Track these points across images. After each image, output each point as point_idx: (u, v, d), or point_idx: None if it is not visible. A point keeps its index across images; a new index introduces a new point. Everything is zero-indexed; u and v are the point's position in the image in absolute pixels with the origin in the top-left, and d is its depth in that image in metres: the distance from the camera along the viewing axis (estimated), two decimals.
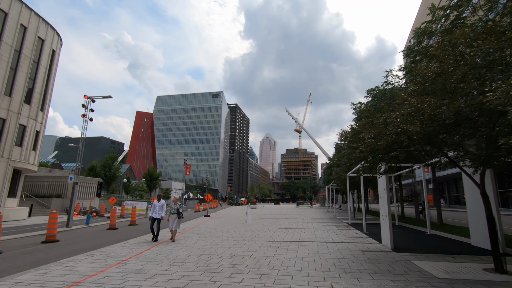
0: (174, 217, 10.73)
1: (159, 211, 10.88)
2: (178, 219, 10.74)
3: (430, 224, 13.08)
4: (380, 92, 17.54)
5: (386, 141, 5.87)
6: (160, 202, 11.09)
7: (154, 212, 10.87)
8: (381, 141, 5.89)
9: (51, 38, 25.41)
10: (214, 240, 10.92)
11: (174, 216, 10.74)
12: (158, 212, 10.85)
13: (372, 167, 7.28)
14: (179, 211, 10.77)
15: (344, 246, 9.42)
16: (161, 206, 10.99)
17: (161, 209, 10.96)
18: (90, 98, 21.04)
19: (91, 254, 8.24)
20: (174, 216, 10.74)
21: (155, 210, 10.88)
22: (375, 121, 7.03)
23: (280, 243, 9.98)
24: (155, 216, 10.82)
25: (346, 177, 18.87)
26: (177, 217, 10.70)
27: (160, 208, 10.95)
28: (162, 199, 11.20)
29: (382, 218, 9.49)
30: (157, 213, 10.84)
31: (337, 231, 13.90)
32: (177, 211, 10.74)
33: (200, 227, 15.92)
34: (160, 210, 10.91)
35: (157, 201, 11.12)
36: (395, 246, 8.89)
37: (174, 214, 10.77)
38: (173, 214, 10.78)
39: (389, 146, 6.21)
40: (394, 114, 6.40)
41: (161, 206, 10.99)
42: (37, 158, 25.49)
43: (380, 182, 9.58)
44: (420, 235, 12.18)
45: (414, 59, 12.22)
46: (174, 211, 10.77)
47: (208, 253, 8.23)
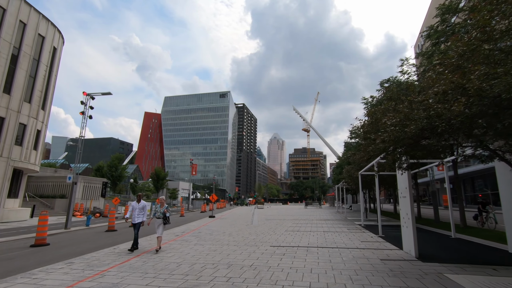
0: (159, 222, 8.85)
1: (138, 214, 9.04)
2: (162, 225, 8.89)
3: (454, 227, 11.70)
4: (395, 83, 16.17)
5: (416, 127, 4.68)
6: (140, 204, 9.18)
7: (133, 216, 9.13)
8: (409, 127, 4.70)
9: (51, 35, 24.88)
10: (214, 244, 9.87)
11: (159, 221, 8.86)
12: (137, 216, 9.02)
13: (395, 161, 6.06)
14: (165, 215, 8.88)
15: (359, 253, 8.22)
16: (142, 209, 9.13)
17: (142, 212, 9.11)
18: (89, 95, 20.33)
19: (71, 262, 7.29)
20: (159, 221, 8.86)
21: (134, 213, 9.09)
22: (397, 106, 5.82)
23: (286, 249, 8.85)
24: (133, 221, 9.06)
25: (358, 175, 17.59)
26: (162, 222, 8.85)
27: (140, 211, 9.10)
28: (143, 200, 9.32)
29: (404, 221, 8.24)
30: (136, 217, 9.03)
31: (349, 234, 12.66)
32: (163, 215, 8.88)
33: (202, 229, 14.93)
34: (140, 214, 9.07)
35: (137, 203, 9.21)
36: (420, 254, 7.64)
37: (159, 218, 8.86)
38: (158, 219, 8.87)
39: (418, 133, 5.01)
40: (422, 97, 5.20)
41: (142, 209, 9.13)
42: (39, 158, 25.00)
43: (401, 180, 8.34)
44: (444, 240, 10.84)
45: (437, 41, 10.87)
46: (160, 215, 8.87)
47: (203, 262, 7.17)
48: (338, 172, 40.27)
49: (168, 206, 9.16)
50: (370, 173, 16.63)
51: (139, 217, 9.06)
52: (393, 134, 5.18)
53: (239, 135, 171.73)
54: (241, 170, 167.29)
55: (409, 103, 5.49)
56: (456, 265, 6.59)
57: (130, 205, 9.45)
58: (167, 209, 9.03)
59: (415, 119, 4.80)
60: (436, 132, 4.70)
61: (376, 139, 5.95)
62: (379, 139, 5.45)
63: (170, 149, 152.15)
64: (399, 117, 4.98)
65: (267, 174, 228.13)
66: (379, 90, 20.31)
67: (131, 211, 9.23)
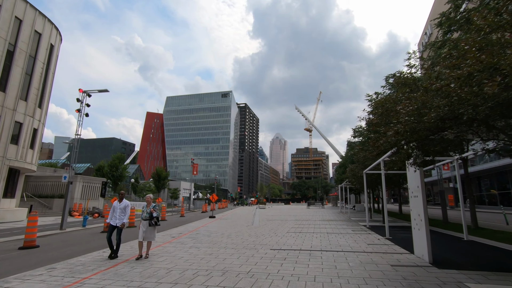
0: (146, 224, 7.71)
1: (120, 215, 7.88)
2: (152, 227, 7.77)
3: (467, 228, 10.99)
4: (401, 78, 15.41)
5: (436, 115, 4.03)
6: (122, 204, 8.01)
7: (113, 217, 7.91)
8: (428, 115, 4.05)
9: (48, 32, 24.41)
10: (210, 247, 9.25)
11: (146, 223, 7.71)
12: (118, 217, 7.86)
13: (409, 156, 5.39)
14: (152, 215, 7.71)
15: (367, 257, 7.56)
16: (123, 209, 7.96)
17: (123, 213, 7.92)
18: (86, 92, 19.81)
19: (53, 267, 6.71)
20: (145, 224, 7.71)
21: (114, 214, 7.93)
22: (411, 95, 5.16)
23: (288, 253, 8.21)
24: (113, 222, 7.83)
25: (362, 174, 16.90)
26: (149, 225, 7.72)
27: (122, 211, 7.91)
28: (125, 200, 8.14)
29: (416, 223, 7.57)
30: (117, 219, 7.84)
31: (354, 236, 11.99)
32: (149, 215, 7.72)
33: (200, 230, 14.33)
34: (122, 215, 7.89)
35: (118, 202, 8.07)
36: (433, 259, 6.96)
37: (146, 220, 7.72)
38: (145, 221, 7.73)
39: (437, 124, 4.36)
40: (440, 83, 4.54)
41: (123, 209, 7.96)
42: (36, 157, 24.54)
43: (413, 178, 7.66)
44: (457, 242, 10.14)
45: (449, 29, 10.14)
46: (146, 216, 7.74)
47: (196, 268, 6.55)
48: (341, 171, 39.52)
49: (156, 205, 7.99)
50: (375, 172, 15.95)
51: (121, 218, 7.87)
52: (408, 124, 4.53)
53: (241, 135, 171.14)
54: (243, 170, 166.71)
55: (424, 91, 4.84)
56: (477, 273, 5.92)
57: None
58: (155, 208, 7.88)
59: (434, 107, 4.15)
60: (460, 121, 4.06)
61: (387, 131, 5.30)
62: (391, 131, 4.80)
63: (172, 149, 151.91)
64: (416, 104, 4.32)
65: (269, 174, 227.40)
66: (384, 86, 19.58)
67: (112, 213, 7.99)
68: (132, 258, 7.53)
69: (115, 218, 7.87)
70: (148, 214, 7.79)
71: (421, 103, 4.31)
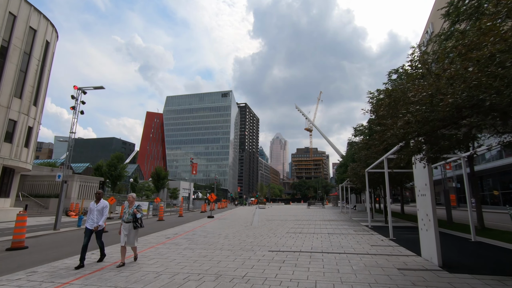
0: (128, 227, 6.86)
1: (97, 217, 6.97)
2: (134, 230, 6.93)
3: (474, 229, 10.52)
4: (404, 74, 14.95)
5: (453, 101, 3.56)
6: (99, 204, 7.06)
7: (89, 219, 7.02)
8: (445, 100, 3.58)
9: (44, 28, 23.95)
10: (206, 249, 8.78)
11: (128, 226, 6.86)
12: (95, 218, 6.93)
13: (419, 151, 4.89)
14: (135, 216, 6.88)
15: (371, 260, 7.08)
16: (101, 211, 7.05)
17: (100, 214, 7.03)
18: (81, 89, 19.37)
19: (34, 271, 6.24)
20: (128, 226, 6.86)
21: (91, 216, 7.00)
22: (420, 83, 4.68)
23: (287, 255, 7.73)
24: (90, 226, 6.90)
25: (364, 173, 16.44)
26: (132, 227, 6.87)
27: (99, 213, 7.01)
28: (103, 200, 7.22)
29: (423, 223, 7.09)
30: (94, 221, 6.91)
31: (357, 236, 11.52)
32: (133, 217, 6.88)
33: (197, 231, 13.86)
34: (99, 216, 7.00)
35: (94, 203, 7.09)
36: (443, 262, 6.49)
37: (129, 222, 6.89)
38: (127, 223, 6.89)
39: (452, 114, 3.89)
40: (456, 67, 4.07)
41: (101, 211, 7.05)
42: (31, 156, 24.10)
43: (420, 175, 7.19)
44: (465, 244, 9.67)
45: (457, 19, 9.63)
46: (129, 218, 6.90)
47: (188, 271, 6.09)
48: (342, 171, 39.06)
49: (139, 205, 7.19)
50: (378, 171, 15.49)
51: (98, 220, 6.98)
52: (420, 114, 4.07)
53: (241, 135, 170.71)
54: (243, 170, 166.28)
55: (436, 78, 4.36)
56: (492, 277, 5.44)
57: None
58: (138, 209, 7.01)
59: (450, 93, 3.68)
60: (480, 110, 3.58)
61: (395, 123, 4.83)
62: (401, 121, 4.33)
63: (172, 149, 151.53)
64: (430, 90, 3.85)
65: (270, 174, 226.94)
66: (386, 83, 19.12)
67: (89, 215, 7.09)
68: (117, 262, 7.05)
69: (92, 221, 6.95)
70: (131, 216, 6.94)
71: (435, 89, 3.84)
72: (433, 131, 4.38)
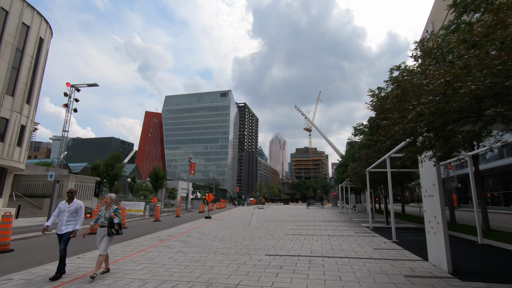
0: (103, 233, 5.89)
1: (67, 220, 5.88)
2: (108, 237, 5.86)
3: (481, 231, 10.06)
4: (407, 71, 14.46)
5: (476, 88, 3.09)
6: (72, 205, 6.01)
7: (59, 222, 5.92)
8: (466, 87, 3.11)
9: (37, 25, 23.42)
10: (199, 253, 8.29)
11: (103, 231, 5.90)
12: (66, 223, 5.86)
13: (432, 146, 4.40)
14: (113, 221, 5.87)
15: (375, 265, 6.61)
16: (74, 212, 6.00)
17: (73, 217, 5.97)
18: (74, 86, 18.88)
19: (10, 278, 5.74)
20: (102, 232, 5.90)
21: (60, 218, 5.92)
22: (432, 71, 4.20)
23: (285, 260, 7.25)
24: (59, 231, 5.86)
25: (364, 172, 15.99)
26: (108, 234, 5.84)
27: (72, 215, 5.96)
28: (77, 200, 6.15)
29: (431, 226, 6.63)
30: (63, 225, 5.85)
31: (358, 239, 11.05)
32: (109, 221, 5.87)
33: (193, 232, 13.37)
34: (71, 220, 5.93)
35: (66, 203, 6.04)
36: (453, 267, 6.01)
37: (104, 227, 5.91)
38: (102, 228, 5.93)
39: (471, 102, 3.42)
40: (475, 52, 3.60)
41: (74, 212, 6.00)
42: (24, 155, 23.56)
43: (427, 174, 6.72)
44: (472, 247, 9.21)
45: (464, 10, 9.14)
46: (104, 222, 5.93)
47: (176, 279, 5.60)
48: (342, 171, 38.61)
49: (118, 208, 6.14)
50: (379, 170, 15.04)
51: (69, 225, 5.87)
52: (433, 105, 3.60)
53: (240, 135, 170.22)
54: (242, 170, 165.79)
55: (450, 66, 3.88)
56: (508, 286, 4.98)
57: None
58: (117, 212, 5.98)
59: (471, 80, 3.21)
60: (507, 98, 3.11)
61: (404, 116, 4.35)
62: (412, 113, 3.85)
63: (170, 149, 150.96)
64: (447, 76, 3.37)
65: (269, 174, 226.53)
66: (387, 81, 18.65)
67: (56, 216, 5.98)
68: (101, 268, 6.55)
69: (61, 224, 5.86)
70: (107, 220, 5.88)
71: (452, 75, 3.38)
72: (448, 125, 3.91)
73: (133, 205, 27.96)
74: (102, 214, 6.11)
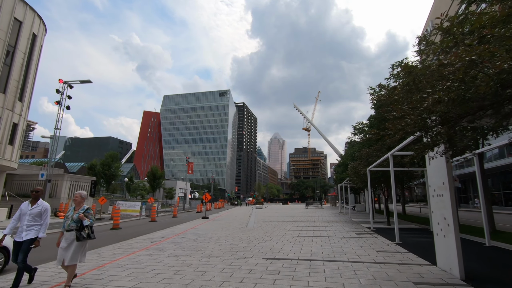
0: (70, 237, 4.95)
1: (29, 225, 4.97)
2: (78, 243, 4.95)
3: (489, 232, 9.62)
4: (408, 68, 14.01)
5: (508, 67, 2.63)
6: (35, 207, 5.12)
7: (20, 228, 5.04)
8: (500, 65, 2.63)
9: (30, 20, 22.85)
10: (192, 256, 7.80)
11: (70, 235, 4.95)
12: (26, 228, 4.96)
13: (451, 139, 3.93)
14: (82, 224, 4.97)
15: (380, 270, 6.14)
16: (36, 217, 5.06)
17: (35, 222, 5.04)
18: (67, 83, 18.35)
19: None
20: (70, 237, 4.95)
21: (21, 224, 5.03)
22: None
23: (283, 264, 6.78)
24: (18, 238, 4.95)
25: (365, 172, 15.53)
26: (76, 239, 4.92)
27: (33, 219, 5.03)
28: (42, 201, 5.24)
29: (440, 228, 6.16)
30: (24, 230, 4.95)
31: (359, 240, 10.59)
32: (77, 224, 4.96)
33: (187, 233, 12.88)
34: (33, 224, 5.01)
35: (29, 204, 5.17)
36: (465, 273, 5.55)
37: (71, 231, 4.95)
38: (69, 232, 4.96)
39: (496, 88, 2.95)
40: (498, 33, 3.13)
41: (36, 217, 5.06)
42: (17, 154, 22.98)
43: (436, 172, 6.26)
44: (480, 250, 8.75)
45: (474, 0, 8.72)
46: (70, 225, 4.96)
47: (164, 287, 5.11)
48: (341, 170, 38.17)
49: (89, 208, 5.26)
50: (381, 169, 14.58)
51: (30, 231, 4.93)
52: (453, 92, 3.13)
53: (239, 135, 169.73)
54: (241, 169, 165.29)
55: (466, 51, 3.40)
56: None
57: None
58: (87, 213, 5.12)
59: (498, 58, 2.74)
60: None
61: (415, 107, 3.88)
62: (427, 101, 3.38)
63: (169, 148, 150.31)
64: (472, 54, 2.88)
65: (268, 173, 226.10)
66: (388, 78, 18.22)
67: (17, 219, 5.08)
68: (84, 274, 6.06)
69: (21, 229, 4.96)
70: (75, 223, 4.96)
71: (478, 55, 2.90)
72: (466, 116, 3.44)
73: (129, 205, 27.39)
74: (70, 215, 5.11)
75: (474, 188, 39.69)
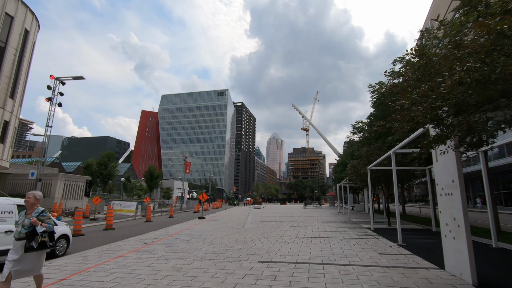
0: (20, 248, 4.01)
1: None
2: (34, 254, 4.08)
3: (496, 233, 9.20)
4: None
5: None
6: None
7: None
8: None
9: (22, 15, 22.30)
10: (183, 259, 7.33)
11: (19, 245, 4.02)
12: None
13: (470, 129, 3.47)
14: (35, 231, 4.04)
15: (384, 275, 5.69)
16: None
17: None
18: (59, 80, 17.82)
19: None
20: (19, 247, 4.01)
21: None
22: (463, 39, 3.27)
23: (280, 268, 6.32)
24: None
25: (365, 171, 15.11)
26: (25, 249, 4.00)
27: None
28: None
29: (449, 229, 5.72)
30: None
31: (360, 242, 10.15)
32: (29, 231, 4.03)
33: (182, 234, 12.40)
34: None
35: None
36: None
37: (21, 239, 4.02)
38: (19, 241, 4.03)
39: None
40: None
41: None
42: (8, 153, 22.44)
43: (444, 170, 5.81)
44: (488, 252, 8.32)
45: None
46: (21, 233, 4.02)
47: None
48: (340, 170, 37.76)
49: (45, 210, 4.41)
50: (382, 168, 14.16)
51: None
52: (477, 72, 2.68)
53: (237, 134, 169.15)
54: (239, 169, 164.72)
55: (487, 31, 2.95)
56: None
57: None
58: (42, 216, 4.25)
59: None
60: None
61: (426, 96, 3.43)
62: (446, 82, 2.92)
63: (167, 148, 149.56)
64: (501, 26, 2.43)
65: (266, 173, 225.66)
66: (388, 76, 17.79)
67: None
68: (63, 280, 5.57)
69: None
70: (27, 229, 4.04)
71: (509, 26, 2.45)
72: (488, 102, 2.99)
73: (124, 205, 26.81)
74: (21, 220, 4.18)
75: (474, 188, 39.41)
